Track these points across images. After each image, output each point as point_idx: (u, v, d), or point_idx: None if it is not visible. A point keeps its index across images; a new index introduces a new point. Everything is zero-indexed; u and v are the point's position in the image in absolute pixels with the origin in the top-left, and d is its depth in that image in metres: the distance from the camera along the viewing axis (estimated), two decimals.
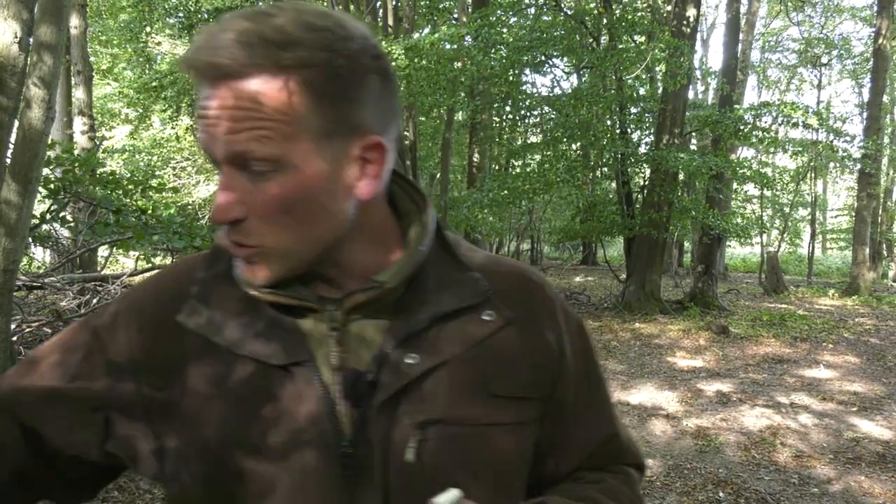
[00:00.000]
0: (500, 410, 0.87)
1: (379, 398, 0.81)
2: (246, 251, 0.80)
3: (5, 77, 3.82)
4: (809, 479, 4.76)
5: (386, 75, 0.81)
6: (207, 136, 0.76)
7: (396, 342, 0.84)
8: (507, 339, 0.89)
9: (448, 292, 0.88)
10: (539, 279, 0.99)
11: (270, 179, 0.76)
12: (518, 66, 13.66)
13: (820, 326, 10.90)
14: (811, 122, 12.65)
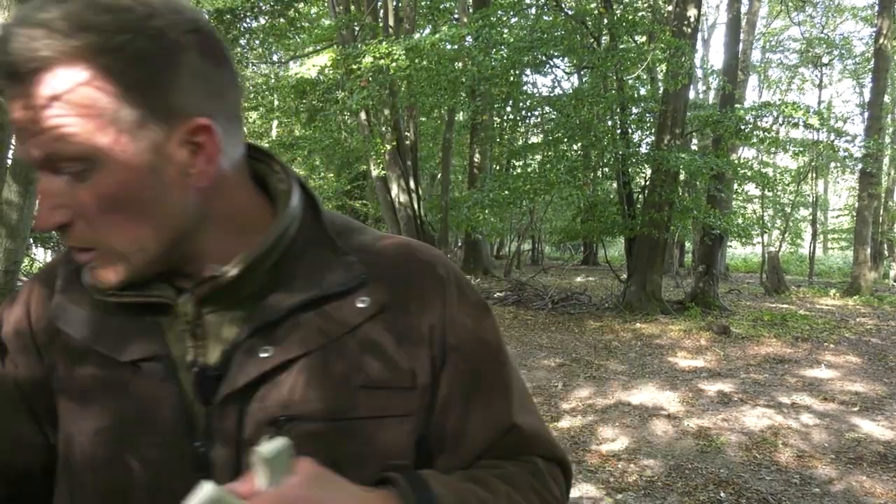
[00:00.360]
0: (369, 402, 0.80)
1: (222, 394, 0.77)
2: (85, 256, 0.76)
3: None
4: (811, 480, 4.75)
5: (208, 49, 0.75)
6: (18, 142, 0.71)
7: (249, 333, 0.79)
8: (382, 325, 0.83)
9: (316, 278, 0.82)
10: (429, 256, 0.90)
11: (88, 179, 0.71)
12: (519, 67, 13.65)
13: (821, 326, 10.89)
14: (812, 122, 12.65)
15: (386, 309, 0.83)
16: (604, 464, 5.04)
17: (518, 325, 11.34)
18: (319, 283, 0.81)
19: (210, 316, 0.81)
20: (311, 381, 0.79)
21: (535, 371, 8.01)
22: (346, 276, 0.82)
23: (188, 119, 0.73)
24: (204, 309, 0.81)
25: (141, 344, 0.79)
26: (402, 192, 15.30)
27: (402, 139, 15.16)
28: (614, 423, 6.04)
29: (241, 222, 0.82)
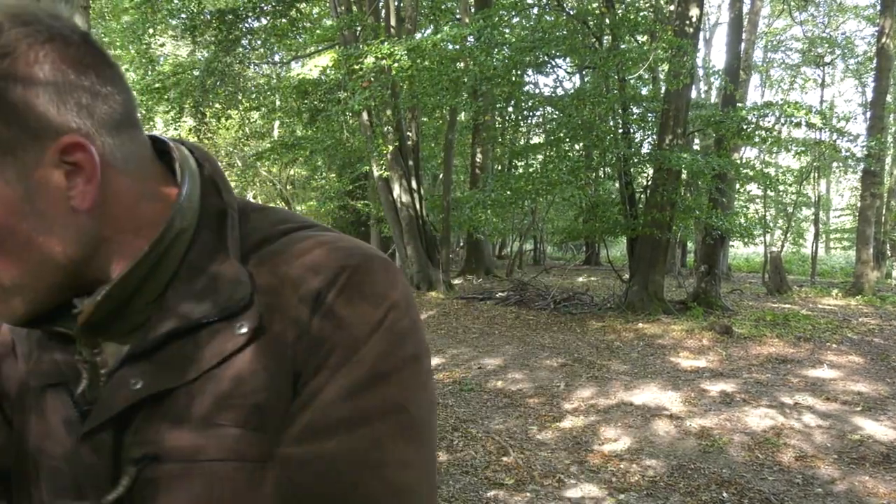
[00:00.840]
0: (221, 442, 0.69)
1: (85, 428, 0.72)
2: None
3: None
4: (813, 480, 4.75)
5: (70, 57, 0.67)
6: None
7: (120, 363, 0.72)
8: (251, 355, 0.71)
9: (199, 302, 0.72)
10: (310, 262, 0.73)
11: None
12: (520, 67, 13.66)
13: (824, 326, 10.88)
14: (814, 122, 12.63)
15: (259, 335, 0.71)
16: (606, 464, 5.04)
17: (520, 325, 11.34)
18: (202, 307, 0.71)
19: (104, 346, 0.75)
20: (178, 418, 0.70)
21: (538, 371, 8.01)
22: (230, 297, 0.71)
23: (55, 139, 0.65)
24: (97, 339, 0.75)
25: (48, 369, 0.79)
26: (404, 192, 15.30)
27: (404, 139, 15.16)
28: (616, 423, 6.04)
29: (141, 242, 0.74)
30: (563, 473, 4.84)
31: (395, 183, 15.24)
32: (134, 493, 0.70)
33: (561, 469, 4.92)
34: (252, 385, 0.70)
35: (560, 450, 5.35)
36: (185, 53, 18.40)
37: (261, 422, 0.70)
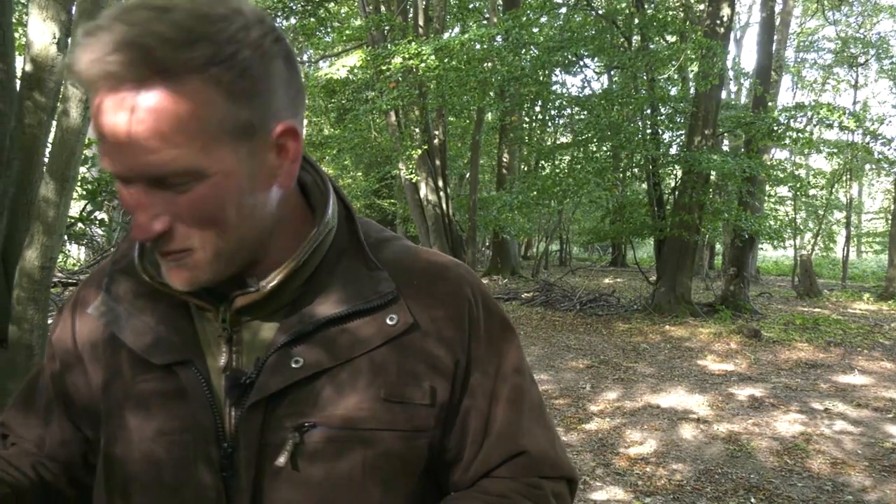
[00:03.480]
0: (390, 415, 0.82)
1: (252, 400, 0.79)
2: (173, 256, 0.76)
3: (44, 77, 3.89)
4: (844, 487, 4.67)
5: (289, 56, 0.77)
6: (110, 154, 0.70)
7: (282, 343, 0.81)
8: (408, 343, 0.84)
9: (349, 292, 0.83)
10: (458, 275, 0.91)
11: (191, 190, 0.71)
12: (548, 67, 13.61)
13: (854, 331, 10.71)
14: (848, 125, 12.44)
15: (413, 328, 0.84)
16: (632, 467, 5.00)
17: (546, 325, 11.30)
18: (352, 296, 0.83)
19: (250, 323, 0.83)
20: (335, 392, 0.81)
21: (563, 372, 7.97)
22: (378, 292, 0.84)
23: (278, 123, 0.75)
24: (242, 316, 0.83)
25: (177, 347, 0.82)
26: (431, 191, 15.32)
27: (431, 139, 15.17)
28: (643, 426, 5.99)
29: (294, 228, 0.85)
30: (588, 476, 4.81)
31: (421, 182, 15.26)
32: (296, 458, 0.79)
33: (587, 471, 4.89)
34: (408, 367, 0.83)
35: (586, 452, 5.32)
36: None
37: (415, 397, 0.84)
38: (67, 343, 0.91)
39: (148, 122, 0.67)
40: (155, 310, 0.84)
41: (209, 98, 0.68)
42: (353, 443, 0.81)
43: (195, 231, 0.74)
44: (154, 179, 0.71)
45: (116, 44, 0.65)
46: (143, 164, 0.69)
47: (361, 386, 0.81)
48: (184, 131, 0.68)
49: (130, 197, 0.72)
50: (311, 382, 0.80)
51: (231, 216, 0.74)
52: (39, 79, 3.87)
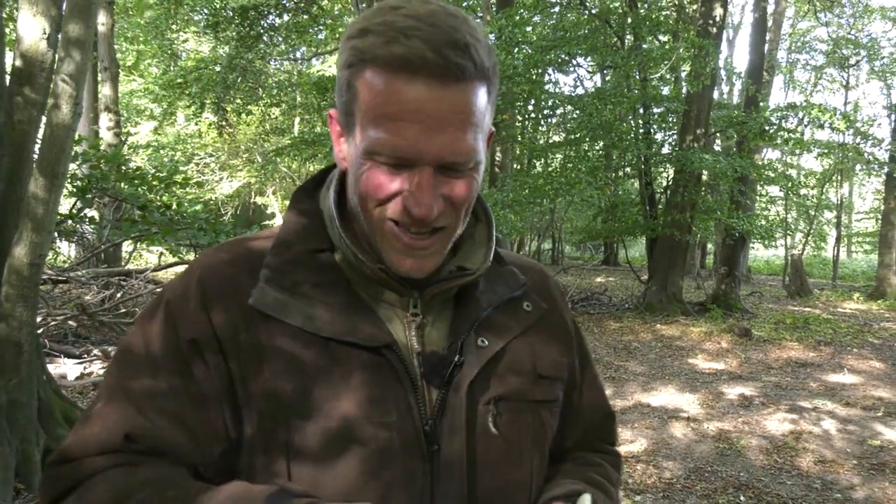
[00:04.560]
0: (545, 389, 0.97)
1: (464, 378, 0.87)
2: (429, 240, 0.84)
3: (34, 72, 3.86)
4: (832, 485, 4.70)
5: None
6: (417, 138, 0.77)
7: (469, 326, 0.90)
8: (544, 326, 1.00)
9: (498, 283, 0.96)
10: (551, 274, 1.12)
11: (467, 177, 0.82)
12: (541, 66, 13.61)
13: (844, 330, 10.77)
14: (839, 126, 12.49)
15: (546, 314, 1.01)
16: (623, 465, 5.01)
17: None
18: (504, 286, 0.97)
19: (432, 308, 0.92)
20: (510, 369, 0.93)
21: None
22: (516, 283, 0.99)
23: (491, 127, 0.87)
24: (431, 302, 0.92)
25: (371, 331, 0.86)
26: None
27: None
28: (633, 424, 6.01)
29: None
30: None
31: None
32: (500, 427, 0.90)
33: None
34: (548, 347, 1.00)
35: None
36: (207, 49, 18.52)
37: (558, 375, 1.01)
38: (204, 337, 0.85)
39: (469, 113, 0.78)
40: (336, 298, 0.87)
41: (491, 101, 0.82)
42: (526, 414, 0.93)
43: (455, 213, 0.84)
44: (451, 164, 0.80)
45: (466, 43, 0.77)
46: (459, 150, 0.79)
47: (523, 364, 0.95)
48: (480, 126, 0.81)
49: (415, 179, 0.79)
50: (492, 361, 0.91)
51: (470, 208, 0.86)
52: (30, 74, 3.85)
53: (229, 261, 0.90)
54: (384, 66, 0.77)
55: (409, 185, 0.80)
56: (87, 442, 0.83)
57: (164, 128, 20.45)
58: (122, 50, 18.16)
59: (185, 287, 0.88)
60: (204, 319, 0.85)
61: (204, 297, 0.86)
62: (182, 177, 6.85)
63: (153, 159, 18.50)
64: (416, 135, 0.77)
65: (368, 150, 0.79)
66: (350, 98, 0.81)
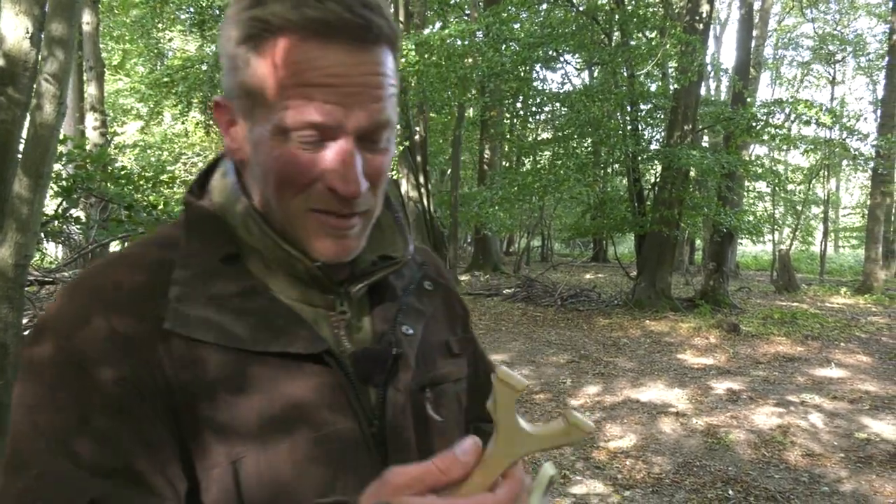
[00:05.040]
0: (460, 367, 0.96)
1: (403, 371, 0.83)
2: (354, 220, 0.77)
3: (17, 72, 3.84)
4: (820, 479, 4.73)
5: None
6: (338, 104, 0.71)
7: (394, 316, 0.87)
8: (444, 304, 0.98)
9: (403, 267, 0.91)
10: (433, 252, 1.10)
11: (386, 149, 0.77)
12: (529, 63, 13.63)
13: (832, 325, 10.84)
14: (825, 121, 12.56)
15: (444, 292, 0.99)
16: (612, 461, 5.03)
17: (527, 321, 11.33)
18: (408, 269, 0.94)
19: (354, 302, 0.86)
20: (432, 352, 0.91)
21: (544, 367, 8.00)
22: (416, 263, 0.96)
23: None
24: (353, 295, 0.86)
25: (307, 338, 0.77)
26: (412, 187, 15.30)
27: (413, 135, 15.15)
28: (622, 420, 6.03)
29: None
30: (568, 470, 4.83)
31: (403, 179, 15.23)
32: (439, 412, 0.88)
33: (566, 465, 4.92)
34: (449, 325, 0.99)
35: (566, 446, 5.34)
36: (194, 48, 18.41)
37: (465, 351, 0.99)
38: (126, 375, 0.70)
39: (385, 76, 0.74)
40: (260, 308, 0.77)
41: (392, 62, 0.76)
42: (452, 394, 0.92)
43: (375, 193, 0.78)
44: (376, 131, 0.74)
45: (375, 3, 0.72)
46: (378, 114, 0.73)
47: (440, 345, 0.94)
48: (394, 91, 0.76)
49: (339, 152, 0.73)
50: (420, 347, 0.88)
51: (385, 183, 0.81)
52: (13, 74, 3.82)
53: (127, 283, 0.75)
54: (296, 31, 0.69)
55: (331, 163, 0.72)
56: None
57: (151, 127, 20.34)
58: (108, 49, 18.05)
59: (81, 321, 0.72)
60: (121, 353, 0.70)
61: (112, 332, 0.71)
62: (168, 176, 6.80)
63: (140, 159, 18.42)
64: (337, 102, 0.70)
65: (282, 128, 0.71)
66: (250, 75, 0.73)
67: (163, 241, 0.81)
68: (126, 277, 0.76)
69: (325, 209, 0.75)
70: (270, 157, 0.73)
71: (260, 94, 0.72)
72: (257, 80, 0.72)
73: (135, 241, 0.85)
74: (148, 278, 0.76)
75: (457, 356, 0.96)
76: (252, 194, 0.81)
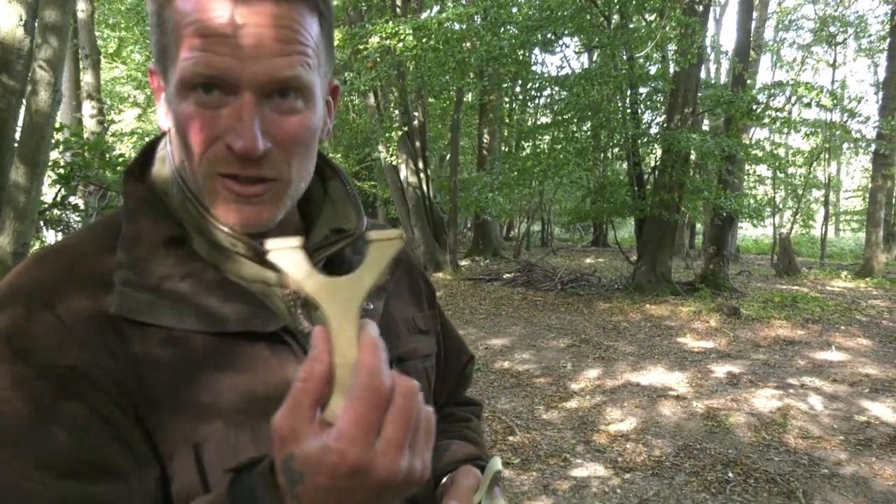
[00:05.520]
0: (427, 343, 0.97)
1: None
2: (260, 187, 0.73)
3: (11, 60, 3.81)
4: (820, 461, 4.74)
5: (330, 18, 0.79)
6: (234, 55, 0.68)
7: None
8: (407, 280, 0.99)
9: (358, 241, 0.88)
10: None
11: (297, 111, 0.73)
12: (528, 46, 13.56)
13: (832, 308, 10.84)
14: (825, 103, 12.51)
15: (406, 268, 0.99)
16: (612, 444, 5.04)
17: (527, 305, 11.34)
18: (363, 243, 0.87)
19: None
20: (396, 326, 0.90)
21: (544, 351, 8.01)
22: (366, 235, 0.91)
23: (333, 80, 0.83)
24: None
25: (263, 316, 0.75)
26: (411, 173, 15.26)
27: (411, 120, 15.10)
28: (623, 403, 6.04)
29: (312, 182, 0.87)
30: (568, 453, 4.84)
31: (402, 164, 15.19)
32: None
33: (567, 448, 4.93)
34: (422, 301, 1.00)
35: (566, 429, 5.36)
36: None
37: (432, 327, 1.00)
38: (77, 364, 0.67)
39: (289, 29, 0.70)
40: (209, 287, 0.75)
41: (319, 29, 0.74)
42: (420, 371, 0.92)
43: (285, 160, 0.74)
44: (276, 89, 0.71)
45: None
46: (278, 69, 0.69)
47: (405, 321, 0.93)
48: (309, 48, 0.72)
49: (235, 109, 0.70)
50: (382, 322, 0.84)
51: (309, 150, 0.77)
52: (7, 61, 3.80)
53: (63, 269, 0.73)
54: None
55: (226, 118, 0.70)
56: None
57: (148, 115, 20.28)
58: (104, 37, 17.95)
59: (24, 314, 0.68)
60: (67, 341, 0.68)
61: (58, 322, 0.68)
62: None
63: (137, 146, 18.36)
64: (231, 51, 0.68)
65: (182, 80, 0.69)
66: (161, 32, 0.72)
67: (104, 228, 0.79)
68: (67, 266, 0.74)
69: (227, 172, 0.72)
70: (178, 115, 0.72)
71: (169, 50, 0.72)
72: (165, 36, 0.72)
73: (81, 228, 0.83)
74: (90, 265, 0.74)
75: (423, 332, 0.96)
76: (177, 164, 0.78)
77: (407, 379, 0.56)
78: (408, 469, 0.55)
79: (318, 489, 0.53)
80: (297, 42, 0.70)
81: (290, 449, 0.53)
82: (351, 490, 0.53)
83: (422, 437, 0.57)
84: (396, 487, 0.55)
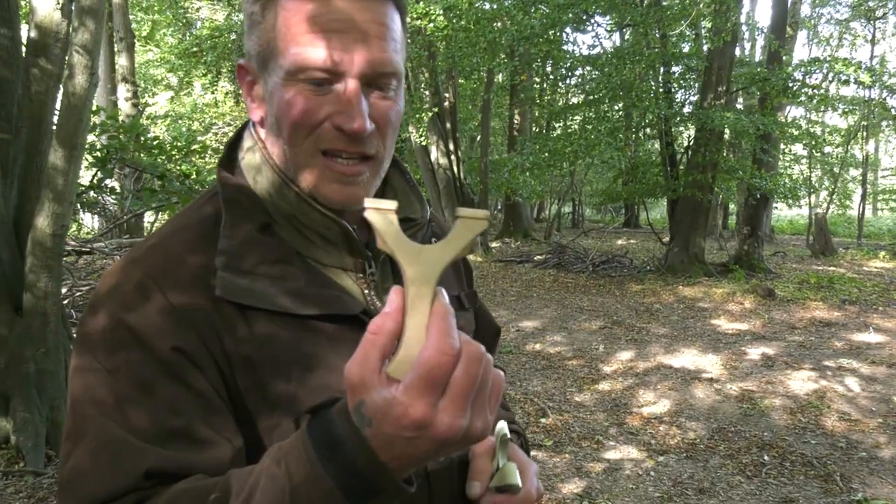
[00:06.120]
0: (468, 321, 1.02)
1: None
2: (361, 167, 0.82)
3: (49, 43, 3.86)
4: (858, 444, 4.68)
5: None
6: (347, 46, 0.77)
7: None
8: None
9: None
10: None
11: (391, 97, 0.81)
12: (559, 25, 13.40)
13: (870, 289, 10.65)
14: (864, 80, 12.20)
15: None
16: (645, 426, 5.02)
17: (558, 287, 11.29)
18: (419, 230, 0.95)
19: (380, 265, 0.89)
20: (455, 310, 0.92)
21: (576, 333, 7.99)
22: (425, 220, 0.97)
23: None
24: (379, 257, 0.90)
25: (345, 301, 0.82)
26: (442, 154, 15.23)
27: (442, 101, 15.05)
28: (655, 385, 6.01)
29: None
30: (601, 435, 4.83)
31: (432, 146, 15.17)
32: None
33: (600, 431, 4.92)
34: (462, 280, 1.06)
35: (599, 412, 5.35)
36: (222, 17, 18.41)
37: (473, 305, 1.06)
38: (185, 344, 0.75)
39: (391, 27, 0.79)
40: (297, 273, 0.82)
41: (399, 22, 0.82)
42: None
43: (382, 140, 0.82)
44: (382, 77, 0.79)
45: None
46: (385, 61, 0.78)
47: (454, 301, 0.95)
48: (402, 45, 0.82)
49: (344, 92, 0.77)
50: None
51: (396, 134, 0.85)
52: (45, 45, 3.84)
53: (177, 256, 0.80)
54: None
55: (336, 102, 0.78)
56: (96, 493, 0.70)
57: (181, 97, 20.45)
58: (137, 20, 18.07)
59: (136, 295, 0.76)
60: (176, 324, 0.75)
61: (166, 304, 0.75)
62: (200, 146, 6.84)
63: (171, 129, 18.54)
64: (342, 44, 0.76)
65: (292, 70, 0.77)
66: (266, 29, 0.80)
67: (200, 216, 0.86)
68: (177, 251, 0.81)
69: (333, 149, 0.80)
70: (283, 101, 0.79)
71: (273, 45, 0.79)
72: (270, 33, 0.79)
73: (177, 217, 0.89)
74: (197, 251, 0.81)
75: (466, 310, 1.01)
76: (272, 152, 0.85)
77: (475, 343, 0.59)
78: (468, 427, 0.59)
79: (385, 435, 0.59)
80: (391, 35, 0.79)
81: (360, 396, 0.59)
82: (414, 440, 0.58)
83: (485, 399, 0.61)
84: (456, 443, 0.60)
